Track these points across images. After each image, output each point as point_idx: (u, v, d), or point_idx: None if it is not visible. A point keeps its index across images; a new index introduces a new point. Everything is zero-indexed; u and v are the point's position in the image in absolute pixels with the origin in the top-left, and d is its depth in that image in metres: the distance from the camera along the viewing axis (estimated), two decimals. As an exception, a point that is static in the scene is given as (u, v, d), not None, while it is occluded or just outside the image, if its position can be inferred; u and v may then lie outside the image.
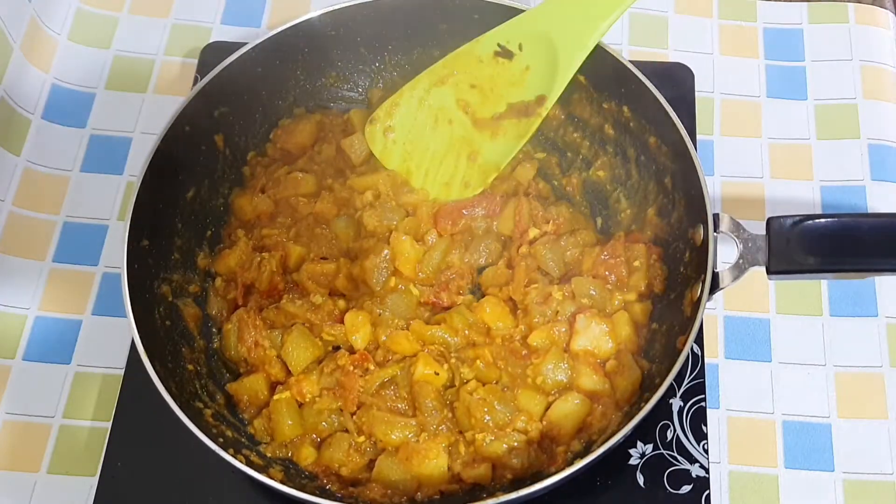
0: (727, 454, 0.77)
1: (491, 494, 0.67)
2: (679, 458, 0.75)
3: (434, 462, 0.70)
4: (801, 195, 0.87)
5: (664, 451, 0.75)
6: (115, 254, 0.71)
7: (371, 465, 0.72)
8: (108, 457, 0.75)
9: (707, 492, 0.74)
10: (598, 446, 0.66)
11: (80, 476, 0.76)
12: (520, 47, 0.79)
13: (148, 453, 0.75)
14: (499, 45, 0.80)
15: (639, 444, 0.76)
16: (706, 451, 0.75)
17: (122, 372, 0.78)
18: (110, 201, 0.87)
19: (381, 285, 0.77)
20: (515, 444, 0.70)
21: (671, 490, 0.74)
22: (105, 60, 0.94)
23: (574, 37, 0.77)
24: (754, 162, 0.89)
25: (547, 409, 0.73)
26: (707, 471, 0.75)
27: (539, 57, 0.79)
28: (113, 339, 0.81)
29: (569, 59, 0.77)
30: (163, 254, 0.77)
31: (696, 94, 0.90)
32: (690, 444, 0.75)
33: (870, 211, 0.85)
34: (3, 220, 0.85)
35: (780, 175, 0.88)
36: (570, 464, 0.65)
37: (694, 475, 0.74)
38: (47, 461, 0.77)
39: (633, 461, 0.75)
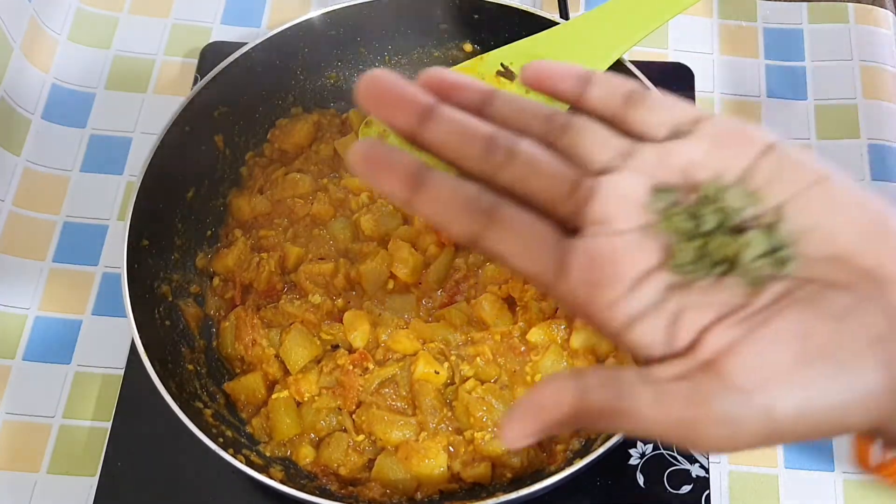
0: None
1: (491, 494, 0.67)
2: (679, 458, 0.75)
3: (433, 461, 0.70)
4: (801, 195, 0.87)
5: (664, 451, 0.75)
6: (115, 254, 0.71)
7: (370, 464, 0.72)
8: (108, 457, 0.75)
9: (707, 492, 0.74)
10: (599, 445, 0.66)
11: (80, 476, 0.76)
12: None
13: (148, 453, 0.75)
14: (502, 65, 0.80)
15: (639, 443, 0.76)
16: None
17: (122, 372, 0.78)
18: (110, 201, 0.87)
19: (379, 289, 0.77)
20: (514, 442, 0.70)
21: (671, 490, 0.74)
22: (105, 60, 0.94)
23: None
24: (754, 162, 0.89)
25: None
26: (707, 471, 0.75)
27: None
28: (113, 339, 0.81)
29: None
30: (163, 254, 0.77)
31: (696, 94, 0.90)
32: (690, 444, 0.75)
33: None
34: (3, 220, 0.85)
35: (780, 175, 0.88)
36: (570, 463, 0.65)
37: (694, 475, 0.74)
38: (47, 461, 0.77)
39: (633, 461, 0.75)
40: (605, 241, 0.34)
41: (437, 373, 0.73)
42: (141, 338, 0.68)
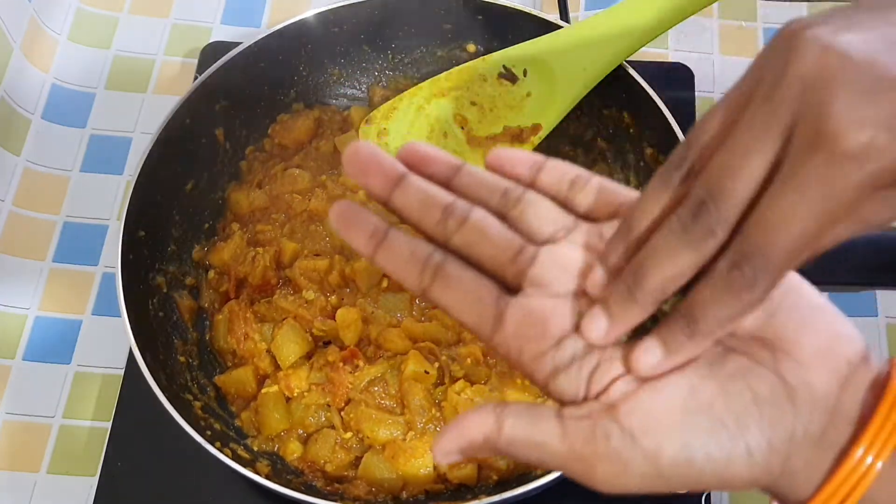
0: (727, 454, 0.77)
1: (476, 496, 0.67)
2: (679, 458, 0.75)
3: (420, 461, 0.70)
4: (801, 195, 0.87)
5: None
6: (115, 254, 0.71)
7: (357, 462, 0.72)
8: (108, 457, 0.75)
9: (707, 492, 0.73)
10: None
11: (80, 476, 0.76)
12: (524, 73, 0.80)
13: (148, 453, 0.75)
14: (504, 67, 0.80)
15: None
16: (706, 452, 0.75)
17: (122, 372, 0.78)
18: (110, 201, 0.87)
19: (373, 287, 0.77)
20: (502, 444, 0.70)
21: (671, 490, 0.74)
22: (105, 60, 0.94)
23: (574, 76, 0.77)
24: (754, 162, 0.89)
25: (535, 410, 0.72)
26: (707, 471, 0.74)
27: (540, 86, 0.79)
28: (113, 339, 0.81)
29: (565, 95, 0.78)
30: (159, 245, 0.77)
31: (697, 94, 0.90)
32: (690, 444, 0.75)
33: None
34: (3, 220, 0.85)
35: (779, 175, 0.88)
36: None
37: (694, 475, 0.74)
38: (47, 461, 0.77)
39: (632, 461, 0.75)
40: (539, 301, 0.39)
41: (426, 373, 0.73)
42: (133, 328, 0.68)
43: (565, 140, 0.84)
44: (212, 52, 0.91)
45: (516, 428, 0.38)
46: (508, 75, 0.81)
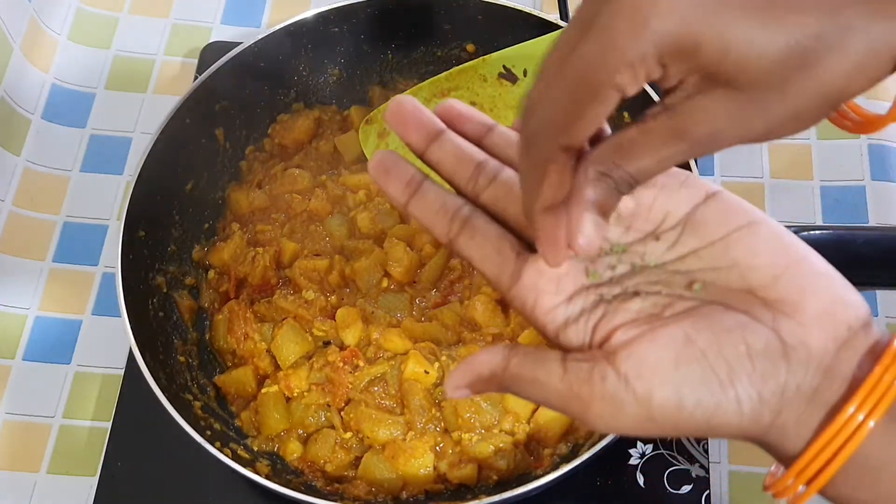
0: (727, 454, 0.77)
1: (476, 496, 0.67)
2: (679, 457, 0.75)
3: (420, 461, 0.70)
4: (801, 195, 0.87)
5: (664, 451, 0.75)
6: (115, 254, 0.71)
7: (357, 462, 0.72)
8: (108, 457, 0.75)
9: (707, 492, 0.73)
10: (586, 450, 0.65)
11: (80, 476, 0.76)
12: (524, 73, 0.79)
13: (148, 453, 0.75)
14: (504, 67, 0.80)
15: (638, 443, 0.75)
16: (706, 451, 0.75)
17: (122, 372, 0.78)
18: (110, 201, 0.87)
19: (372, 287, 0.78)
20: (502, 445, 0.70)
21: (671, 490, 0.74)
22: (105, 60, 0.94)
23: None
24: (754, 162, 0.89)
25: (535, 411, 0.72)
26: (707, 471, 0.74)
27: None
28: (113, 339, 0.81)
29: None
30: (159, 245, 0.77)
31: (697, 94, 0.90)
32: (690, 444, 0.75)
33: (869, 211, 0.85)
34: (3, 220, 0.85)
35: (780, 175, 0.88)
36: (556, 467, 0.65)
37: (694, 475, 0.74)
38: (47, 461, 0.77)
39: (633, 461, 0.75)
40: None
41: (426, 372, 0.73)
42: (133, 328, 0.68)
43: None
44: (212, 52, 0.91)
45: (521, 366, 0.40)
46: (508, 75, 0.81)
